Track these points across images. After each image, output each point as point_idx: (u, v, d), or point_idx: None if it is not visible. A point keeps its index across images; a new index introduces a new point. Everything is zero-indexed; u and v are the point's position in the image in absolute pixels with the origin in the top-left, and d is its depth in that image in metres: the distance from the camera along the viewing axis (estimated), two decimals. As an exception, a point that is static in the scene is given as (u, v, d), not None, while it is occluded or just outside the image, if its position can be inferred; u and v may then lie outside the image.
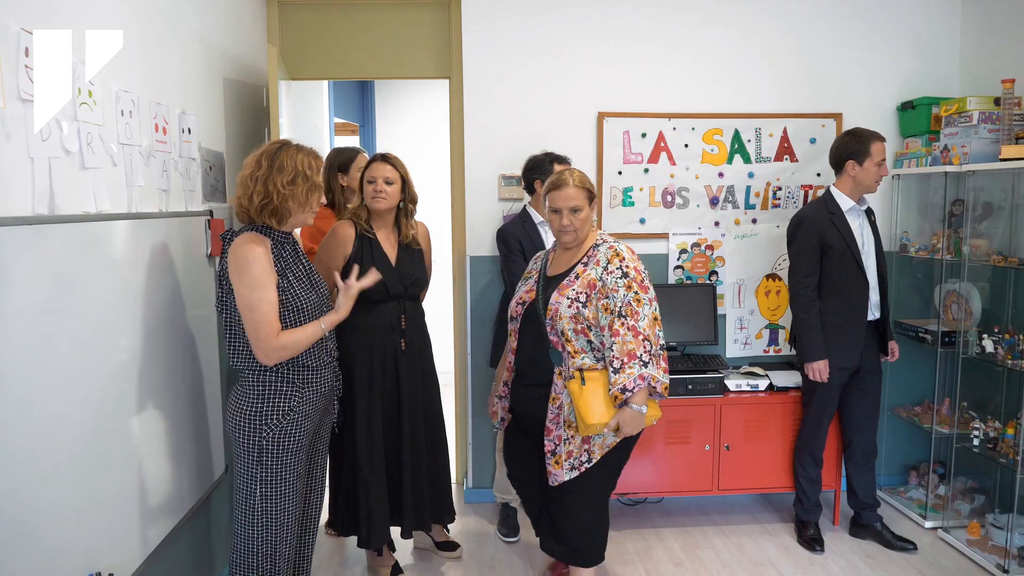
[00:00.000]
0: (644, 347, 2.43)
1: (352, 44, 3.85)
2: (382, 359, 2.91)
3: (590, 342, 2.50)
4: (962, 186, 3.61)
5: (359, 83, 6.62)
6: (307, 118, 4.86)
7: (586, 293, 2.49)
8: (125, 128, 2.13)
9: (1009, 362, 3.28)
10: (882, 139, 3.31)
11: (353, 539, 3.23)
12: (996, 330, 3.46)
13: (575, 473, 2.54)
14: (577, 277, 2.54)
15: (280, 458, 2.30)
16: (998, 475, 3.55)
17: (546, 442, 2.55)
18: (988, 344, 3.40)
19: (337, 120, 5.90)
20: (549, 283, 2.62)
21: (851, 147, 3.31)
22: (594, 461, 2.54)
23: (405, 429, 2.97)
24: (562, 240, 2.60)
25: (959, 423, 3.59)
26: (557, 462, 2.54)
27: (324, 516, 3.08)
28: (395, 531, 3.12)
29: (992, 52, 3.78)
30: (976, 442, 3.45)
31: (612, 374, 2.43)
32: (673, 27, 3.84)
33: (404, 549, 3.39)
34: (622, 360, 2.41)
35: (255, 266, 2.20)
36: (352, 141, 6.36)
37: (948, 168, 3.54)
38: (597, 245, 2.59)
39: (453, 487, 3.50)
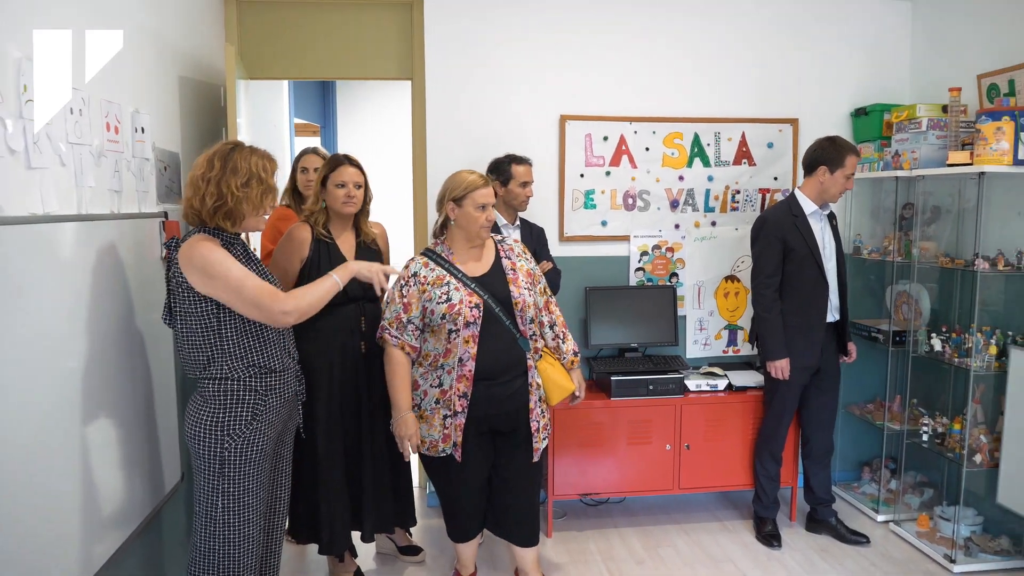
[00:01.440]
0: (563, 318, 2.92)
1: (313, 44, 3.81)
2: (342, 362, 2.88)
3: (537, 324, 2.81)
4: (912, 190, 3.71)
5: (320, 83, 6.57)
6: (266, 118, 4.81)
7: (530, 282, 2.75)
8: (75, 127, 2.08)
9: (956, 360, 3.38)
10: (857, 153, 3.39)
11: (313, 547, 3.19)
12: (944, 329, 3.56)
13: (546, 442, 2.84)
14: (515, 271, 2.73)
15: (243, 468, 2.25)
16: (946, 469, 3.65)
17: (531, 423, 2.74)
18: (936, 343, 3.50)
19: (297, 120, 5.85)
20: (486, 283, 2.66)
21: (828, 153, 3.37)
22: (550, 428, 2.90)
23: (366, 433, 2.95)
24: (483, 236, 2.69)
25: (909, 420, 3.69)
26: (539, 437, 2.77)
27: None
28: (357, 537, 3.10)
29: (940, 61, 3.89)
30: (925, 438, 3.55)
31: (561, 344, 2.85)
32: (634, 32, 3.88)
33: (366, 555, 3.37)
34: (563, 331, 2.88)
35: (218, 254, 2.16)
36: (313, 142, 6.31)
37: (899, 173, 3.63)
38: (498, 240, 2.82)
39: (416, 491, 3.50)
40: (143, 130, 2.56)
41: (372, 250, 3.01)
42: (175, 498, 2.82)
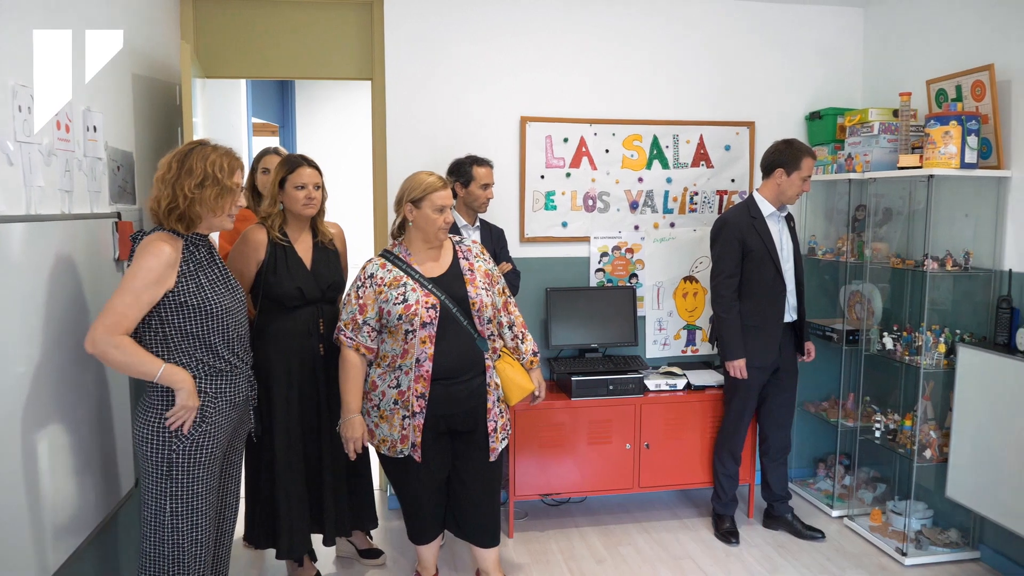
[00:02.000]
0: (522, 318, 2.95)
1: (271, 43, 3.77)
2: (300, 365, 2.85)
3: (495, 325, 2.82)
4: (864, 192, 3.80)
5: (279, 83, 6.50)
6: (224, 117, 4.74)
7: (488, 282, 2.75)
8: (23, 125, 2.03)
9: (906, 358, 3.47)
10: (814, 156, 3.45)
11: (272, 552, 3.15)
12: (895, 328, 3.65)
13: (506, 442, 2.84)
14: (472, 271, 2.73)
15: (191, 472, 2.22)
16: (897, 464, 3.75)
17: (488, 422, 2.74)
18: (888, 341, 3.59)
19: (256, 120, 5.78)
20: (443, 283, 2.66)
21: (785, 156, 3.43)
22: (509, 429, 2.89)
23: (325, 435, 2.92)
24: (441, 237, 2.69)
25: (862, 417, 3.78)
26: (497, 437, 2.78)
27: (240, 530, 3.01)
28: (316, 540, 3.07)
29: (891, 67, 3.99)
30: (878, 434, 3.64)
31: (520, 344, 2.88)
32: (594, 35, 3.92)
33: (326, 559, 3.34)
34: (522, 331, 2.90)
35: (151, 260, 2.13)
36: (272, 142, 6.24)
37: (852, 175, 3.72)
38: (456, 242, 2.82)
39: (376, 493, 3.48)
40: (95, 129, 2.51)
41: (329, 250, 2.99)
42: (131, 503, 2.77)
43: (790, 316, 3.55)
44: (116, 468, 2.61)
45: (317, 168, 2.91)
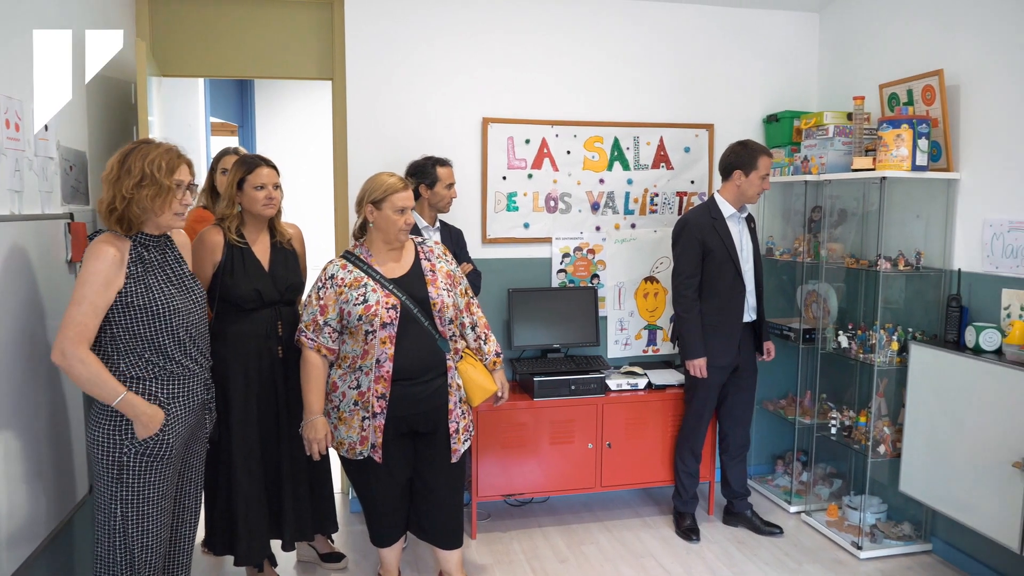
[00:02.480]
0: (486, 319, 2.93)
1: (229, 41, 3.72)
2: (258, 368, 2.82)
3: (457, 325, 2.82)
4: (820, 194, 3.88)
5: (238, 82, 6.41)
6: (181, 117, 4.67)
7: (449, 283, 2.75)
8: (-29, 124, 1.98)
9: (861, 356, 3.55)
10: (770, 155, 3.50)
11: (230, 558, 3.10)
12: (850, 327, 3.73)
13: (468, 443, 2.83)
14: (434, 272, 2.73)
15: (143, 476, 2.19)
16: (853, 460, 3.83)
17: (450, 423, 2.73)
18: (843, 340, 3.67)
19: (214, 120, 5.70)
20: (404, 284, 2.66)
21: (741, 157, 3.48)
22: (472, 430, 2.88)
23: (284, 439, 2.89)
24: (401, 239, 2.68)
25: (819, 414, 3.86)
26: (459, 438, 2.78)
27: (199, 535, 2.97)
28: (276, 545, 3.04)
29: (845, 71, 4.08)
30: (833, 431, 3.72)
31: (483, 345, 2.88)
32: (556, 37, 3.94)
33: (286, 563, 3.30)
34: (485, 332, 2.90)
35: (96, 264, 2.11)
36: (231, 142, 6.16)
37: (808, 177, 3.79)
38: (419, 243, 2.82)
39: (337, 497, 3.45)
40: (46, 128, 2.46)
41: (288, 251, 2.96)
42: (84, 509, 2.72)
43: (749, 316, 3.61)
44: (71, 473, 2.57)
45: (275, 168, 2.88)
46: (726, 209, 3.53)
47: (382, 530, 2.86)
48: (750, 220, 3.65)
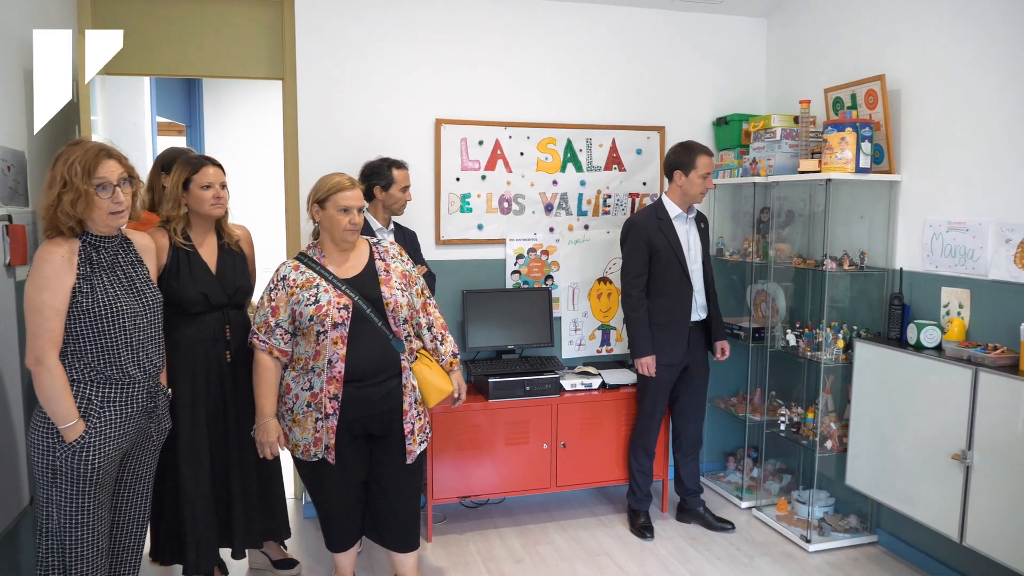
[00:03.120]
0: (443, 320, 2.90)
1: (176, 39, 3.63)
2: (206, 373, 2.76)
3: (412, 326, 2.78)
4: (768, 195, 3.96)
5: (186, 81, 6.28)
6: (126, 116, 4.55)
7: (404, 283, 2.72)
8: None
9: (809, 354, 3.63)
10: (709, 154, 3.56)
11: (179, 568, 3.03)
12: (798, 325, 3.82)
13: (424, 445, 2.80)
14: (388, 272, 2.70)
15: (75, 482, 2.14)
16: (801, 455, 3.91)
17: (405, 424, 2.70)
18: (791, 338, 3.75)
19: (161, 119, 5.57)
20: (357, 284, 2.64)
21: (680, 158, 3.53)
22: (429, 432, 2.85)
23: (233, 444, 2.84)
24: (348, 239, 2.65)
25: (769, 411, 3.93)
26: (414, 440, 2.74)
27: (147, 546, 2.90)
28: (227, 554, 2.98)
29: (792, 75, 4.17)
30: (783, 427, 3.80)
31: (439, 346, 2.84)
32: (510, 39, 3.94)
33: (238, 572, 3.24)
34: (442, 333, 2.86)
35: (45, 268, 2.08)
36: (178, 142, 6.03)
37: (756, 179, 3.86)
38: (374, 243, 2.79)
39: (290, 502, 3.40)
40: (-19, 127, 2.37)
41: (236, 253, 2.91)
42: (28, 516, 2.64)
43: (698, 315, 3.66)
44: (17, 479, 2.50)
45: (221, 167, 2.83)
46: (672, 210, 3.58)
47: (337, 534, 2.83)
48: (701, 221, 3.71)
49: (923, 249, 3.31)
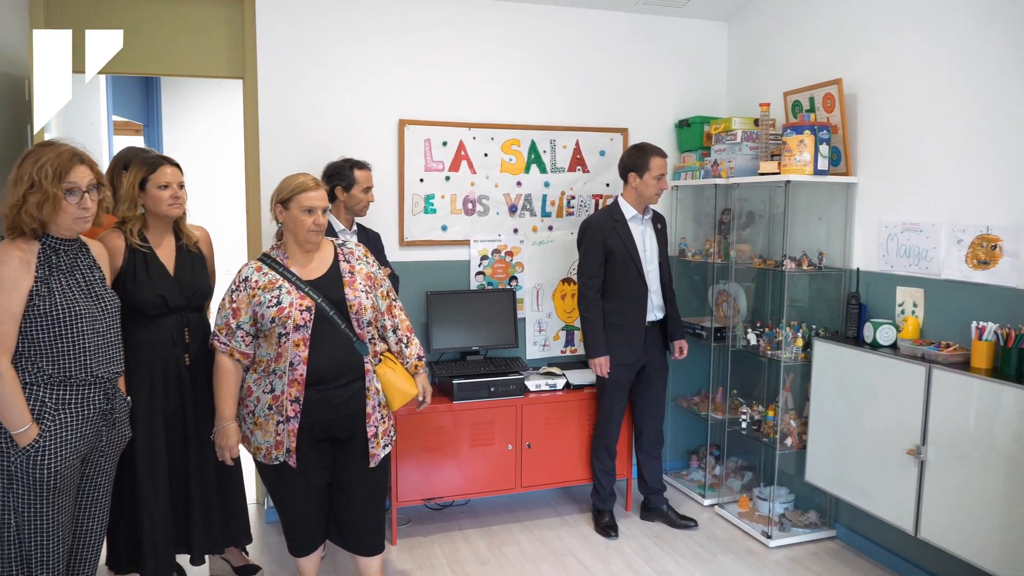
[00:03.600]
0: (409, 322, 2.87)
1: (133, 36, 3.56)
2: (164, 376, 2.72)
3: (377, 328, 2.76)
4: (729, 197, 4.01)
5: (143, 79, 6.17)
6: (81, 115, 4.46)
7: (368, 285, 2.70)
8: None
9: (769, 353, 3.69)
10: (663, 155, 3.60)
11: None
12: (759, 324, 3.87)
13: (388, 448, 2.77)
14: (352, 274, 2.67)
15: (33, 488, 2.10)
16: (762, 453, 3.97)
17: (368, 428, 2.67)
18: (752, 337, 3.81)
19: (117, 118, 5.47)
20: (320, 286, 2.61)
21: (634, 160, 3.57)
22: (393, 435, 2.82)
23: (192, 448, 2.80)
24: (312, 240, 2.62)
25: (730, 409, 3.99)
26: (378, 443, 2.72)
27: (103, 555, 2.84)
28: (185, 560, 2.93)
29: (752, 78, 4.24)
30: (744, 425, 3.85)
31: (404, 348, 2.82)
32: (473, 40, 3.94)
33: (199, 576, 3.20)
34: (407, 335, 2.84)
35: (2, 270, 2.06)
36: (136, 141, 5.91)
37: (717, 181, 3.91)
38: (338, 244, 2.76)
39: (252, 508, 3.36)
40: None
41: (194, 254, 2.87)
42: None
43: (655, 315, 3.69)
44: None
45: (178, 166, 2.79)
46: (628, 211, 3.61)
47: (300, 538, 2.80)
48: (658, 221, 3.74)
49: (879, 249, 3.38)
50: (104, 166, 3.55)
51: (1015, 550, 2.54)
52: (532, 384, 3.80)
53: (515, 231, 4.11)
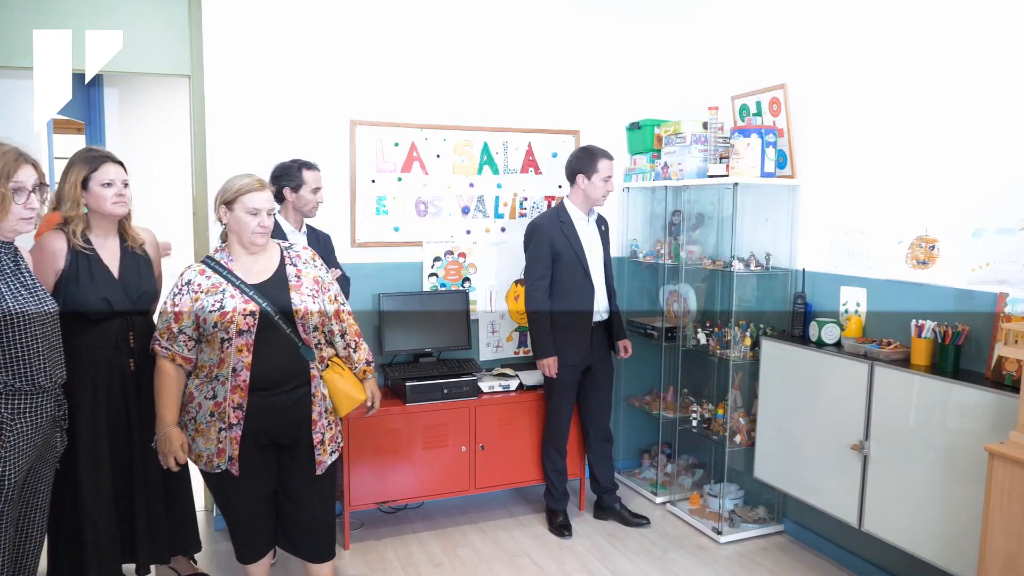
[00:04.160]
0: (358, 326, 2.82)
1: (73, 32, 3.46)
2: (108, 382, 2.64)
3: (324, 333, 2.70)
4: (680, 199, 4.07)
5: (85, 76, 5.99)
6: (15, 112, 4.31)
7: (316, 289, 2.65)
8: None
9: (718, 352, 3.75)
10: (610, 157, 3.63)
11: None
12: (708, 324, 3.94)
13: (336, 455, 2.71)
14: (299, 277, 2.62)
15: None
16: (712, 450, 4.04)
17: (314, 435, 2.62)
18: (702, 337, 3.87)
19: (57, 116, 5.30)
20: (265, 290, 2.56)
21: (582, 162, 3.60)
22: (341, 441, 2.78)
23: (137, 456, 2.73)
24: (257, 242, 2.57)
25: (681, 408, 4.04)
26: (324, 450, 2.67)
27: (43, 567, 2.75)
28: (131, 569, 2.86)
29: (701, 81, 4.30)
30: (695, 423, 3.91)
31: (352, 353, 2.76)
32: (424, 41, 3.92)
33: (144, 586, 3.12)
34: (355, 340, 2.78)
35: None
36: (77, 140, 5.75)
37: (668, 183, 3.97)
38: (285, 247, 2.71)
39: (201, 515, 3.29)
40: None
41: (140, 257, 2.79)
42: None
43: (600, 316, 3.73)
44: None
45: (122, 164, 2.72)
46: (574, 213, 3.65)
47: (247, 546, 2.74)
48: (601, 223, 3.78)
49: (823, 250, 3.47)
50: (45, 166, 3.44)
51: (953, 540, 2.63)
52: (485, 385, 3.80)
53: (468, 232, 4.10)
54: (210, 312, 2.45)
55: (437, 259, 4.03)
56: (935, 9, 2.95)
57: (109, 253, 2.71)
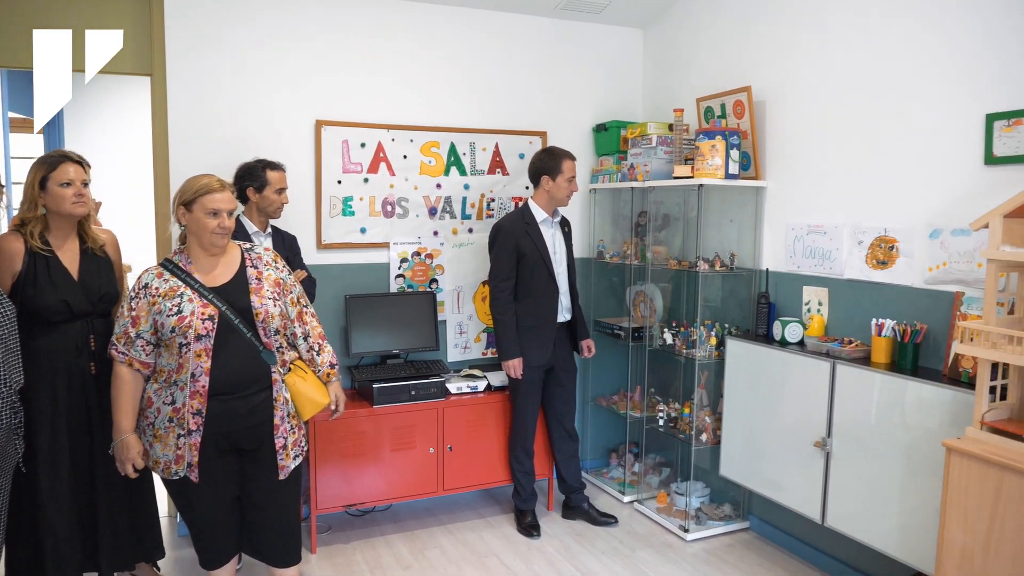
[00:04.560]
0: (322, 328, 2.79)
1: (28, 28, 3.38)
2: (67, 386, 2.59)
3: (286, 336, 2.66)
4: (645, 200, 4.10)
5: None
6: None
7: (277, 292, 2.60)
8: None
9: (684, 351, 3.79)
10: (573, 158, 3.65)
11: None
12: (674, 324, 3.97)
13: (299, 459, 2.66)
14: (259, 280, 2.57)
15: None
16: (679, 449, 4.08)
17: (276, 439, 2.58)
18: (668, 337, 3.90)
19: (13, 115, 5.18)
20: (225, 293, 2.51)
21: (546, 163, 3.61)
22: (305, 445, 2.72)
23: (99, 461, 2.67)
24: (216, 244, 2.51)
25: (648, 407, 4.08)
26: (287, 455, 2.62)
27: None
28: (93, 576, 2.81)
29: (667, 84, 4.35)
30: (662, 422, 3.94)
31: (316, 356, 2.72)
32: (392, 41, 3.91)
33: (106, 594, 3.06)
34: (319, 343, 2.73)
35: None
36: (35, 139, 5.62)
37: (634, 184, 3.99)
38: (246, 249, 2.66)
39: (164, 520, 3.24)
40: None
41: (100, 258, 2.74)
42: None
43: (564, 316, 3.76)
44: None
45: (82, 164, 2.66)
46: (539, 214, 3.66)
47: (210, 552, 2.69)
48: (565, 225, 3.80)
49: (786, 250, 3.52)
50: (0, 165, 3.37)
51: (913, 535, 2.69)
52: (453, 386, 3.80)
53: (435, 233, 4.09)
54: (168, 317, 2.40)
55: (404, 260, 4.02)
56: (894, 15, 3.01)
57: (68, 255, 2.65)
